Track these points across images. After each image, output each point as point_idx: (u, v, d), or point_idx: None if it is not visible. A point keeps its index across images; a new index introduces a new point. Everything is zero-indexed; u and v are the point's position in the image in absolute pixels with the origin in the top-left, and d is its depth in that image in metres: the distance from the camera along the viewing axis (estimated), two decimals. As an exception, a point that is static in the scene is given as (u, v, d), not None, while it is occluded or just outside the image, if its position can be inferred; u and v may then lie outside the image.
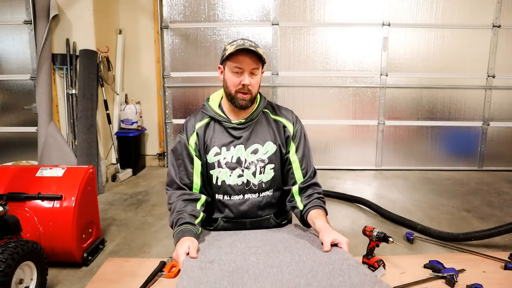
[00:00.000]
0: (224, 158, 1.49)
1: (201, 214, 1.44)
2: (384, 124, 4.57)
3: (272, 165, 1.51)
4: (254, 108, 1.53)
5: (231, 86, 1.44)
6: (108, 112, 4.12)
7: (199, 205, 1.46)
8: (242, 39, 1.45)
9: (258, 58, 1.40)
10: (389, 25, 4.37)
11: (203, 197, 1.49)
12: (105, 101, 4.08)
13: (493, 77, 4.44)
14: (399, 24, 4.38)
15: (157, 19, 4.44)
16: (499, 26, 4.34)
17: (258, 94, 1.57)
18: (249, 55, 1.38)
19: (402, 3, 4.34)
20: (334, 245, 1.28)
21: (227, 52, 1.41)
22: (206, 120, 1.53)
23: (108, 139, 4.25)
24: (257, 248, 1.30)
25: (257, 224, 1.56)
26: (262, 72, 1.51)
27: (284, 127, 1.54)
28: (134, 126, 4.37)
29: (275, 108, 1.59)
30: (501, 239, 2.55)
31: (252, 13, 4.40)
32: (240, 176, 1.49)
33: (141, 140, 4.59)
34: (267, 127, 1.53)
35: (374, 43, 4.41)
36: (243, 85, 1.41)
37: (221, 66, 1.48)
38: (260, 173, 1.50)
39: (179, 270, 2.23)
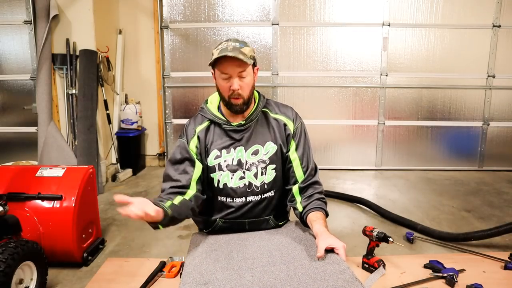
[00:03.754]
0: (225, 161, 1.48)
1: (180, 198, 1.38)
2: (384, 124, 4.57)
3: (274, 166, 1.50)
4: (253, 109, 1.51)
5: (223, 92, 1.44)
6: (108, 112, 4.12)
7: (187, 197, 1.41)
8: (228, 40, 1.42)
9: (244, 61, 1.36)
10: (389, 25, 4.37)
11: (194, 190, 1.44)
12: (105, 101, 4.08)
13: (493, 77, 4.44)
14: (399, 24, 4.38)
15: (157, 19, 4.44)
16: (499, 26, 4.33)
17: (257, 93, 1.55)
18: (233, 60, 1.35)
19: (402, 3, 4.34)
20: (330, 249, 1.25)
21: (212, 58, 1.38)
22: (206, 124, 1.51)
23: (108, 139, 4.25)
24: (254, 261, 1.28)
25: (256, 225, 1.56)
26: (257, 69, 1.49)
27: (285, 125, 1.52)
28: (134, 126, 4.37)
29: (274, 106, 1.57)
30: (501, 239, 2.55)
31: (252, 13, 4.40)
32: (241, 178, 1.48)
33: (141, 140, 4.59)
34: (267, 127, 1.52)
35: (374, 43, 4.41)
36: (233, 90, 1.40)
37: (213, 71, 1.46)
38: (262, 174, 1.49)
39: (178, 270, 2.23)
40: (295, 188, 1.50)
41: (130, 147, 4.35)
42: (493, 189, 3.85)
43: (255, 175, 1.49)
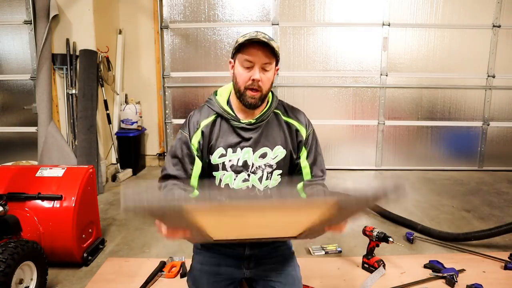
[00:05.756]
0: (230, 161, 1.37)
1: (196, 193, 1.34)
2: (384, 124, 4.57)
3: (280, 171, 1.41)
4: (266, 108, 1.41)
5: (241, 82, 1.32)
6: (108, 112, 4.12)
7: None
8: (256, 31, 1.34)
9: (271, 52, 1.29)
10: (389, 25, 4.37)
11: (197, 192, 1.39)
12: (105, 101, 4.08)
13: (493, 77, 4.44)
14: (399, 24, 4.38)
15: (157, 19, 4.44)
16: (499, 26, 4.34)
17: (270, 93, 1.46)
18: (262, 48, 1.28)
19: (402, 3, 4.34)
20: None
21: (238, 43, 1.31)
22: (212, 118, 1.39)
23: (108, 139, 4.25)
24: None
25: None
26: (277, 70, 1.41)
27: (297, 131, 1.44)
28: (134, 126, 4.37)
29: (286, 109, 1.49)
30: (501, 239, 2.55)
31: (252, 13, 4.40)
32: (245, 180, 1.39)
33: (141, 140, 4.59)
34: (278, 129, 1.42)
35: (374, 43, 4.41)
36: (253, 80, 1.30)
37: (232, 60, 1.36)
38: (267, 178, 1.40)
39: (178, 270, 2.23)
40: (299, 185, 1.45)
41: (130, 147, 4.34)
42: (493, 189, 3.85)
43: (260, 179, 1.40)
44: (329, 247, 2.49)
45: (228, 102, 1.43)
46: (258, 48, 1.28)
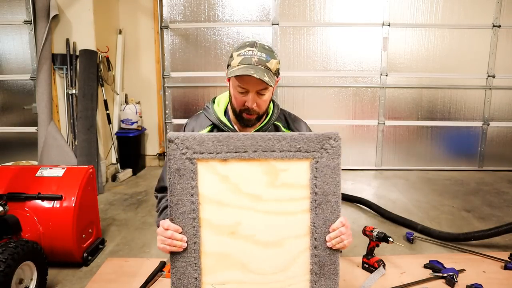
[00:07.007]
0: None
1: None
2: (384, 124, 4.57)
3: None
4: (265, 121, 1.37)
5: (236, 104, 1.29)
6: (108, 112, 4.12)
7: None
8: (253, 46, 1.25)
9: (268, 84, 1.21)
10: (389, 25, 4.37)
11: None
12: (105, 101, 4.08)
13: (493, 77, 4.44)
14: (399, 24, 4.38)
15: (157, 19, 4.44)
16: (499, 26, 4.34)
17: (271, 103, 1.42)
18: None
19: (402, 3, 4.34)
20: None
21: (230, 70, 1.23)
22: (207, 129, 1.35)
23: (108, 139, 4.25)
24: None
25: None
26: (278, 80, 1.35)
27: None
28: (134, 126, 4.37)
29: (288, 120, 1.44)
30: (501, 239, 2.55)
31: (252, 13, 4.40)
32: None
33: (141, 140, 4.59)
34: None
35: (374, 43, 4.41)
36: (247, 106, 1.26)
37: (227, 72, 1.30)
38: None
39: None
40: None
41: (130, 147, 4.34)
42: (493, 189, 3.85)
43: None
44: (329, 247, 2.49)
45: (226, 112, 1.39)
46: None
